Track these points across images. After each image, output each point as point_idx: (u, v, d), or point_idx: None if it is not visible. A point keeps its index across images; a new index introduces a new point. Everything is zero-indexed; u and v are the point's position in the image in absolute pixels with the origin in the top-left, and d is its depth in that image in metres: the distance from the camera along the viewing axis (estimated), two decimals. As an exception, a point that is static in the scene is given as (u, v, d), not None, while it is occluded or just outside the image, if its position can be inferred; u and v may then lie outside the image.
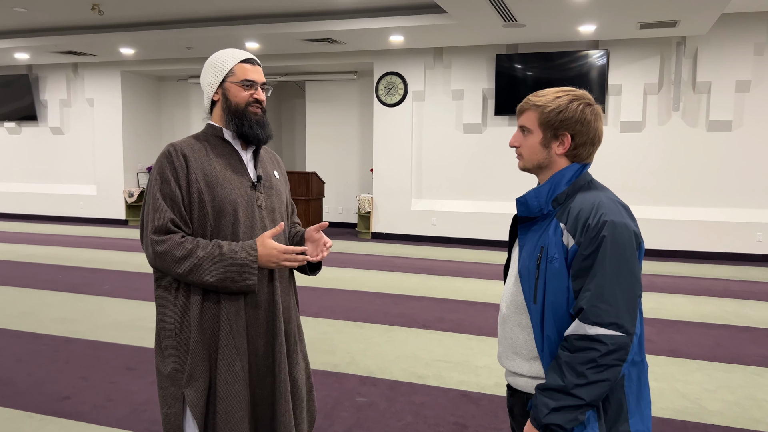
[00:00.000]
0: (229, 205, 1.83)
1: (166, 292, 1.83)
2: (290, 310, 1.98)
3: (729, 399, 3.58)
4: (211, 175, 1.83)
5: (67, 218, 12.02)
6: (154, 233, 1.77)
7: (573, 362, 1.41)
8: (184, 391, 1.81)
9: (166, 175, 1.79)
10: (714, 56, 8.06)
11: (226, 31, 8.43)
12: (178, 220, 1.79)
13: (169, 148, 1.83)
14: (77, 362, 4.08)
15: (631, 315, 1.41)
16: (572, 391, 1.40)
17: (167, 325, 1.82)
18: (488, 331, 4.87)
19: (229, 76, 1.87)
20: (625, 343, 1.39)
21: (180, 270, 1.76)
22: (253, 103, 1.88)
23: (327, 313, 5.35)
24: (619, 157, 8.66)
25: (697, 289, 6.50)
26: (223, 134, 1.91)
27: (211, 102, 1.92)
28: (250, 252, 1.78)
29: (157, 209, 1.78)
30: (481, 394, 3.61)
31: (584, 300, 1.41)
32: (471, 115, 9.27)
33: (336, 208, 11.46)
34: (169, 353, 1.83)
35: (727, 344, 4.61)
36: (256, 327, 1.87)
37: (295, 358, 1.96)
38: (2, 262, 7.57)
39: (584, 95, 1.55)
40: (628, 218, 1.47)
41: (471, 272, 7.26)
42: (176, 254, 1.75)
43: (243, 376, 1.83)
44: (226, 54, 1.89)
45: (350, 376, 3.88)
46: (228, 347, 1.82)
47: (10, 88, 11.83)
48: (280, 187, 2.02)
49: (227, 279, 1.76)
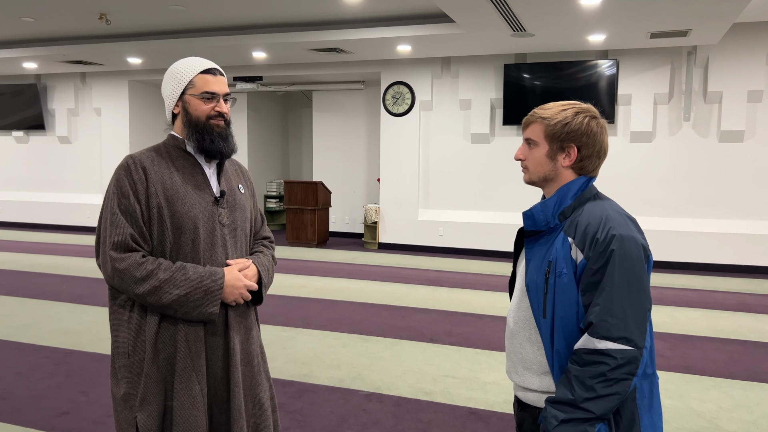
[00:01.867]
0: (189, 221, 1.75)
1: (121, 311, 1.74)
2: (251, 330, 1.90)
3: (747, 419, 3.46)
4: (171, 190, 1.75)
5: (73, 227, 12.01)
6: (113, 249, 1.68)
7: (582, 376, 1.40)
8: (137, 415, 1.71)
9: (125, 189, 1.71)
10: (726, 66, 7.96)
11: (233, 40, 8.42)
12: (138, 236, 1.71)
13: (128, 160, 1.75)
14: (78, 376, 4.01)
15: (641, 329, 1.41)
16: (582, 404, 1.40)
17: (120, 345, 1.73)
18: (497, 346, 4.77)
19: (189, 88, 1.78)
20: (635, 357, 1.39)
21: (139, 291, 1.67)
22: (215, 117, 1.79)
23: (332, 326, 5.26)
24: (630, 167, 8.55)
25: (711, 302, 6.37)
26: (185, 146, 1.83)
27: (173, 114, 1.84)
28: (216, 279, 1.71)
29: (116, 224, 1.70)
30: (490, 412, 3.50)
31: (593, 314, 1.41)
32: (479, 125, 9.19)
33: (342, 218, 11.39)
34: (122, 375, 1.73)
35: (743, 360, 4.48)
36: (215, 349, 1.79)
37: (259, 380, 1.89)
38: (8, 272, 7.53)
39: (589, 108, 1.57)
40: (635, 231, 1.48)
41: (479, 284, 7.16)
42: (136, 275, 1.67)
43: (201, 400, 1.74)
44: (185, 64, 1.80)
45: (355, 392, 3.79)
46: (186, 369, 1.72)
47: (19, 98, 11.87)
48: (244, 202, 1.93)
49: (188, 304, 1.68)
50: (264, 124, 12.57)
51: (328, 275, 7.59)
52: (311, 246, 10.10)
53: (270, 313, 5.66)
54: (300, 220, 10.14)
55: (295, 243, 10.23)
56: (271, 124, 12.88)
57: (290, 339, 4.87)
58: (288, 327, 5.22)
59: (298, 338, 4.90)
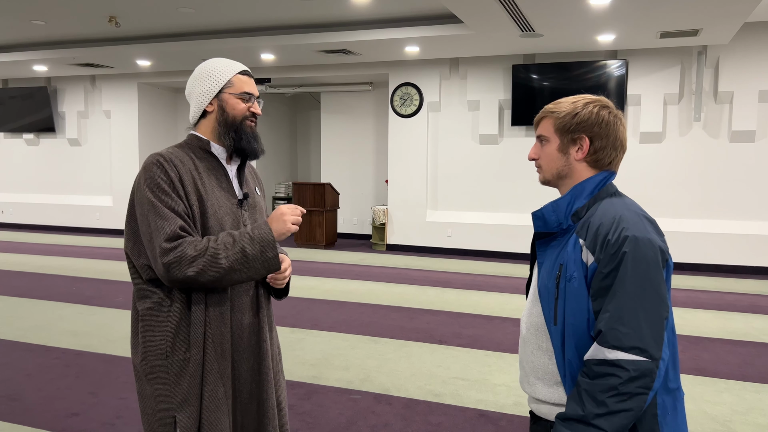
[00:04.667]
0: (216, 222, 1.74)
1: (156, 309, 1.71)
2: (272, 331, 1.92)
3: (761, 422, 3.41)
4: (201, 190, 1.74)
5: (83, 229, 12.07)
6: (166, 241, 1.63)
7: (593, 390, 1.29)
8: (176, 415, 1.70)
9: (163, 186, 1.67)
10: (736, 65, 7.90)
11: (242, 42, 8.44)
12: (187, 227, 1.68)
13: (158, 158, 1.71)
14: (87, 377, 4.02)
15: (656, 338, 1.29)
16: (593, 421, 1.28)
17: (157, 345, 1.71)
18: (506, 348, 4.74)
19: (227, 87, 1.78)
20: (650, 369, 1.27)
21: (198, 267, 1.62)
22: (249, 117, 1.81)
23: (341, 328, 5.25)
24: (639, 168, 8.49)
25: (723, 304, 6.31)
26: (210, 147, 1.81)
27: (202, 113, 1.82)
28: (261, 226, 1.70)
29: (165, 217, 1.65)
30: (500, 414, 3.48)
31: (603, 322, 1.31)
32: (487, 126, 9.16)
33: (351, 219, 11.38)
34: (156, 376, 1.71)
35: (756, 363, 4.43)
36: (241, 351, 1.78)
37: (278, 380, 1.90)
38: (19, 274, 7.57)
39: (601, 99, 1.49)
40: (653, 233, 1.35)
41: (488, 286, 7.13)
42: (190, 253, 1.62)
43: (225, 402, 1.74)
44: (222, 63, 1.81)
45: (365, 393, 3.78)
46: (212, 372, 1.72)
47: (30, 101, 11.95)
48: (261, 203, 1.96)
49: (248, 259, 1.66)
50: (272, 125, 12.60)
51: (336, 277, 7.58)
52: (319, 247, 10.10)
53: (279, 315, 5.66)
54: (308, 221, 10.14)
55: (304, 244, 10.24)
56: (280, 125, 12.91)
57: (299, 341, 4.87)
58: (297, 328, 5.22)
59: (306, 340, 4.89)
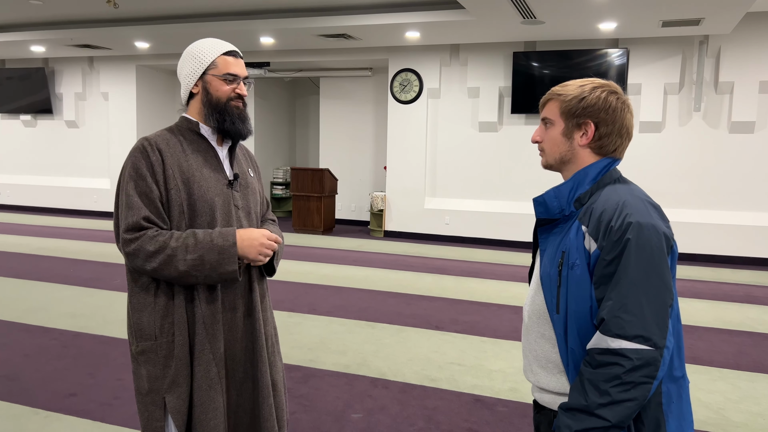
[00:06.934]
0: (205, 204, 1.75)
1: (144, 293, 1.74)
2: (267, 311, 1.92)
3: (754, 410, 3.45)
4: (187, 172, 1.74)
5: (80, 211, 12.05)
6: (126, 232, 1.68)
7: (595, 379, 1.28)
8: (165, 396, 1.72)
9: (141, 171, 1.70)
10: (737, 56, 7.87)
11: (241, 25, 8.38)
12: (155, 217, 1.70)
13: (143, 142, 1.73)
14: (85, 358, 4.04)
15: (661, 327, 1.27)
16: (596, 411, 1.27)
17: (145, 327, 1.73)
18: (503, 334, 4.76)
19: (211, 69, 1.78)
20: (654, 358, 1.25)
21: (154, 264, 1.66)
22: (235, 98, 1.80)
23: (339, 313, 5.27)
24: (638, 158, 8.49)
25: (718, 294, 6.34)
26: (199, 129, 1.82)
27: (189, 94, 1.83)
28: (227, 236, 1.70)
29: (131, 207, 1.69)
30: (495, 399, 3.51)
31: (605, 310, 1.29)
32: (487, 114, 9.14)
33: (349, 205, 11.38)
34: (146, 358, 1.73)
35: (750, 352, 4.46)
36: (234, 331, 1.79)
37: (274, 360, 1.91)
38: (16, 255, 7.57)
39: (609, 84, 1.46)
40: (657, 219, 1.33)
41: (485, 273, 7.15)
42: (149, 249, 1.65)
43: (218, 382, 1.76)
44: (207, 44, 1.80)
45: (361, 377, 3.80)
46: (204, 352, 1.74)
47: (27, 82, 11.87)
48: (255, 185, 1.95)
49: (205, 267, 1.67)
50: (271, 110, 12.54)
51: (334, 262, 7.60)
52: (317, 233, 10.10)
53: (277, 299, 5.67)
54: (306, 207, 10.14)
55: (301, 230, 10.24)
56: (278, 110, 12.85)
57: (297, 324, 4.88)
58: (294, 313, 5.23)
59: (304, 324, 4.91)
